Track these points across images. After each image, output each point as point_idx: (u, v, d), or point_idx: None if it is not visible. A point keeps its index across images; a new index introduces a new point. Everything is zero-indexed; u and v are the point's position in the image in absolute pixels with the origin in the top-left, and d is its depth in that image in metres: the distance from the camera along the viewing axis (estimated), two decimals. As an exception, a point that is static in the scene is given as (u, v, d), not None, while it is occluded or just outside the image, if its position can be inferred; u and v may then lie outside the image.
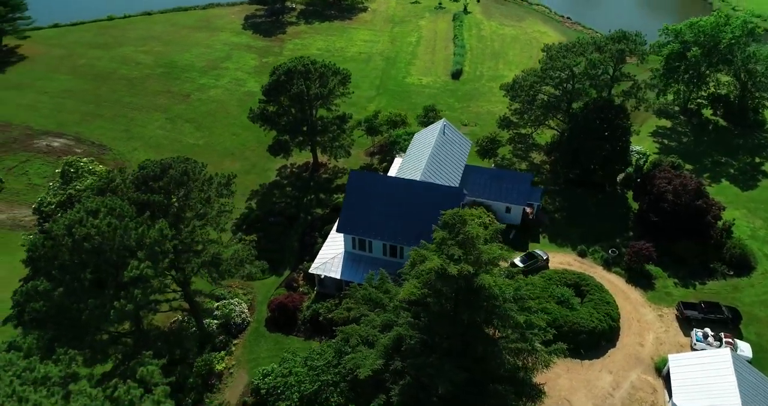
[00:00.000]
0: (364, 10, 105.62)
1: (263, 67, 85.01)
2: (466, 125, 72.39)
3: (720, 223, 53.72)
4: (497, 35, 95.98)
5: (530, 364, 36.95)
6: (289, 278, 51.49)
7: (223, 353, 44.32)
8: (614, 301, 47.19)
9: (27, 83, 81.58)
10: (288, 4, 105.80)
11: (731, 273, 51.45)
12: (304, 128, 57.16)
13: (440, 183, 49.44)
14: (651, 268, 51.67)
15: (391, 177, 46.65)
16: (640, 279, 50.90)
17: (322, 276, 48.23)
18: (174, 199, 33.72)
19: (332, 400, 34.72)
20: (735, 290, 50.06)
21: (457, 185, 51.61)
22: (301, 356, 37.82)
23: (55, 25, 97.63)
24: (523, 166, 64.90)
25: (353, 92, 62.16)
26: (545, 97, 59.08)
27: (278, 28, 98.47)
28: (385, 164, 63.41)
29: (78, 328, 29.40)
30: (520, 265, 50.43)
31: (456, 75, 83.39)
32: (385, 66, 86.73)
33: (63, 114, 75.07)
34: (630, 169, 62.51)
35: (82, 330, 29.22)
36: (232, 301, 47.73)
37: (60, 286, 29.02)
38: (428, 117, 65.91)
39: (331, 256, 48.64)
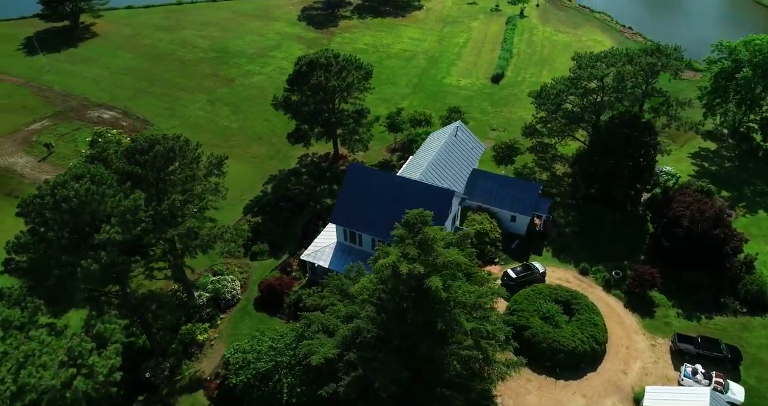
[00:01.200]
0: (419, 8, 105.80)
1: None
2: (494, 130, 71.32)
3: (741, 256, 50.11)
4: (549, 41, 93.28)
5: (486, 374, 36.63)
6: (285, 262, 53.20)
7: (207, 325, 46.63)
8: (603, 323, 45.28)
9: (94, 58, 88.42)
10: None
11: (744, 310, 47.87)
12: (322, 119, 58.40)
13: (441, 184, 49.28)
14: (655, 294, 49.05)
15: (386, 174, 47.05)
16: (640, 305, 48.44)
17: (316, 265, 49.48)
18: (160, 174, 35.91)
19: (284, 381, 35.86)
20: (744, 329, 46.57)
21: (461, 189, 51.22)
22: (269, 336, 39.22)
23: (129, 7, 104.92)
24: (544, 176, 63.19)
25: (374, 88, 62.79)
26: (570, 107, 57.12)
27: (331, 21, 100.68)
28: (402, 162, 63.73)
29: (56, 282, 32.23)
30: (514, 276, 49.47)
31: (496, 79, 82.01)
32: (426, 65, 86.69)
33: (118, 89, 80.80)
34: (657, 191, 59.37)
35: (58, 284, 32.00)
36: (226, 277, 50.01)
37: (42, 241, 32.01)
38: (451, 118, 65.48)
39: (323, 245, 49.79)
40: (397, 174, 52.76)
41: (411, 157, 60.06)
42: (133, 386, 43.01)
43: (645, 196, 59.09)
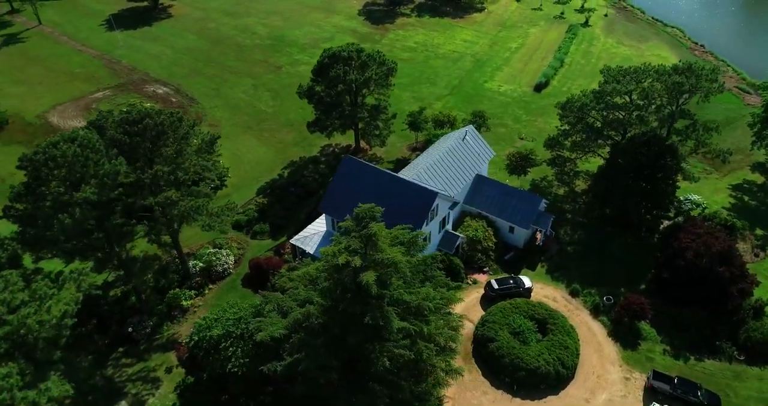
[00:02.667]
0: (480, 10, 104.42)
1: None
2: (522, 139, 69.66)
3: (751, 300, 46.15)
4: (607, 53, 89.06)
5: (424, 376, 36.54)
6: (281, 244, 55.30)
7: (193, 292, 49.65)
8: (576, 348, 43.48)
9: (162, 37, 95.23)
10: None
11: (741, 358, 44.10)
12: (341, 111, 59.76)
13: (433, 185, 49.20)
14: (644, 327, 46.36)
15: (377, 169, 47.52)
16: (625, 335, 45.99)
17: (307, 250, 51.14)
18: (151, 145, 38.82)
19: (231, 350, 37.79)
20: (736, 378, 42.97)
21: (455, 192, 50.78)
22: (231, 308, 41.27)
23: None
24: (561, 191, 61.05)
25: (394, 85, 63.27)
26: (591, 121, 54.71)
27: (389, 17, 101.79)
28: (418, 161, 63.90)
29: (42, 231, 36.04)
30: (495, 287, 48.56)
31: (539, 87, 79.69)
32: (471, 67, 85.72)
33: (176, 67, 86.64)
34: (679, 219, 55.64)
35: (43, 233, 35.78)
36: (221, 251, 52.88)
37: (34, 194, 35.88)
38: (475, 122, 64.64)
39: (313, 232, 51.33)
40: (400, 171, 53.19)
41: (418, 156, 60.21)
42: (118, 338, 46.93)
43: (665, 223, 55.58)
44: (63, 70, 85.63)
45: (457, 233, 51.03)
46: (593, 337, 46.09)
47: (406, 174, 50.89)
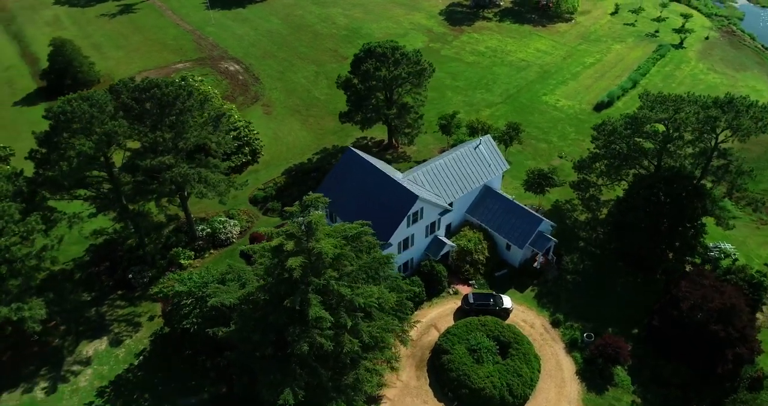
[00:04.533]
0: (567, 20, 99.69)
1: (420, 51, 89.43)
2: (561, 158, 66.40)
3: (750, 369, 41.08)
4: (692, 79, 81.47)
5: (347, 371, 37.03)
6: (284, 223, 57.86)
7: (193, 253, 53.70)
8: (529, 377, 41.50)
9: (251, 19, 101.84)
10: (498, 0, 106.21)
11: (719, 430, 39.52)
12: (369, 106, 60.89)
13: (426, 189, 48.92)
14: (619, 372, 43.08)
15: (372, 165, 47.95)
16: (594, 376, 43.01)
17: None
18: (159, 112, 42.72)
19: (187, 308, 40.86)
20: (704, 449, 38.64)
21: (450, 199, 49.90)
22: (204, 272, 44.37)
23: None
24: (583, 217, 57.63)
25: (426, 88, 63.07)
26: (618, 148, 51.00)
27: (469, 20, 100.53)
28: (443, 165, 63.32)
29: (52, 173, 41.50)
30: (470, 301, 47.46)
31: (600, 107, 75.09)
32: (535, 78, 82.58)
33: (253, 48, 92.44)
34: (707, 267, 50.44)
35: (50, 177, 41.21)
36: (230, 221, 56.53)
37: (52, 141, 41.27)
38: (507, 133, 62.71)
39: (310, 216, 53.13)
40: (408, 170, 53.28)
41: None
42: (120, 282, 52.18)
43: (688, 269, 50.59)
44: (158, 40, 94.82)
45: (446, 240, 50.34)
46: (559, 372, 43.56)
47: (409, 173, 50.92)
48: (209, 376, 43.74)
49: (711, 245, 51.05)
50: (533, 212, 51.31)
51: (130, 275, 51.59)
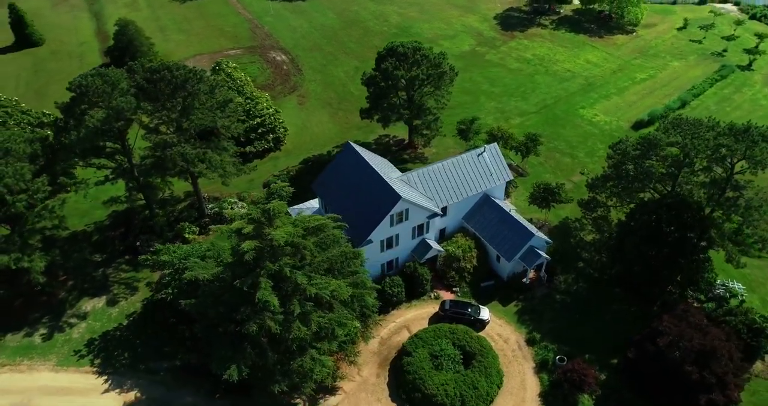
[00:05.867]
0: (629, 32, 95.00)
1: (465, 54, 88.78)
2: (582, 174, 63.89)
3: (727, 419, 38.13)
4: (752, 104, 75.46)
5: (294, 357, 38.03)
6: (290, 209, 59.70)
7: (197, 229, 56.74)
8: (486, 392, 40.71)
9: (307, 12, 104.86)
10: (558, 8, 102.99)
11: (678, 476, 37.02)
12: (385, 105, 61.41)
13: (423, 192, 48.96)
14: (585, 400, 41.31)
15: (365, 161, 48.35)
16: (556, 401, 41.57)
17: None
18: (171, 93, 45.61)
19: (166, 279, 43.52)
20: None
21: (441, 204, 49.56)
22: (193, 247, 46.93)
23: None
24: (590, 237, 55.32)
25: (450, 92, 62.66)
26: (627, 169, 48.47)
27: (522, 25, 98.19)
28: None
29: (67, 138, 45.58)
30: (446, 307, 47.14)
31: (639, 126, 71.31)
32: (576, 90, 79.58)
33: (304, 40, 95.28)
34: (710, 305, 47.19)
35: (68, 140, 45.29)
36: (238, 203, 59.14)
37: (71, 111, 45.22)
38: (525, 145, 61.14)
39: (308, 206, 54.63)
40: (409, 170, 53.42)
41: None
42: (128, 248, 56.09)
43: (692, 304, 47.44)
44: (218, 27, 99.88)
45: (434, 244, 50.09)
46: (522, 391, 42.41)
47: (407, 174, 51.08)
48: (185, 344, 46.27)
49: (718, 282, 47.54)
50: (528, 225, 49.96)
51: (138, 243, 55.34)
